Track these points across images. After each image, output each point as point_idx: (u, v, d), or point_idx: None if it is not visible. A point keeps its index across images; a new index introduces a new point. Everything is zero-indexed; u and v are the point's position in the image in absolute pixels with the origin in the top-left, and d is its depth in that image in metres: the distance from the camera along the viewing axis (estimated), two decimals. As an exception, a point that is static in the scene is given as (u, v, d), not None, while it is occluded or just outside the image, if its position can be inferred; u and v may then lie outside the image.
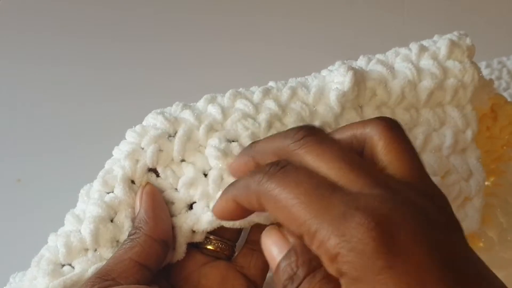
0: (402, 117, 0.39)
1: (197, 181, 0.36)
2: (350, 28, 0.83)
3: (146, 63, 0.76)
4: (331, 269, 0.24)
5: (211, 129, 0.36)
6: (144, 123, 0.38)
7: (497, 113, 0.44)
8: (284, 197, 0.25)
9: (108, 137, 0.63)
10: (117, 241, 0.36)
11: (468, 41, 0.41)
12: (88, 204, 0.36)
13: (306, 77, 0.41)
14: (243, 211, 0.29)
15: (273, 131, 0.35)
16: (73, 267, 0.34)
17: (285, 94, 0.38)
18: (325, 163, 0.26)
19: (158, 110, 0.38)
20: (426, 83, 0.39)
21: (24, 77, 0.73)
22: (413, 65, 0.39)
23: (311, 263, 0.26)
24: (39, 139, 0.66)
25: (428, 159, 0.39)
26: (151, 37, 0.80)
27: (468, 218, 0.40)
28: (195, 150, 0.36)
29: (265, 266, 0.37)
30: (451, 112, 0.40)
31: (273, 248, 0.27)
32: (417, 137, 0.39)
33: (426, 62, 0.40)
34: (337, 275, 0.24)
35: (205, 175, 0.36)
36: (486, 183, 0.46)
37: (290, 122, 0.36)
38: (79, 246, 0.35)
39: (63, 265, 0.35)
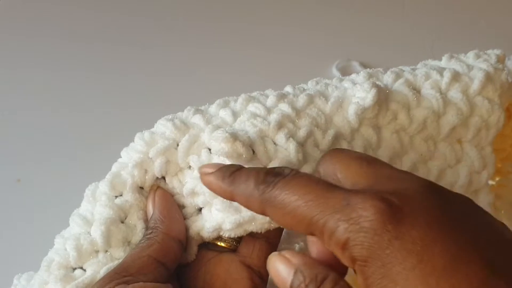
0: (419, 148, 0.38)
1: (197, 188, 0.35)
2: (350, 29, 0.83)
3: (148, 66, 0.76)
4: (345, 259, 0.25)
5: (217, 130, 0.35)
6: (154, 129, 0.37)
7: (511, 113, 0.43)
8: (289, 201, 0.26)
9: (107, 138, 0.64)
10: (129, 242, 0.35)
11: (503, 76, 0.39)
12: (96, 206, 0.36)
13: (326, 82, 0.39)
14: None
15: (284, 132, 0.34)
16: (84, 270, 0.34)
17: (301, 100, 0.36)
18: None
19: (169, 116, 0.38)
20: (450, 118, 0.37)
21: (24, 78, 0.73)
22: (441, 95, 0.38)
23: (317, 277, 0.26)
24: (39, 140, 0.66)
25: None
26: (159, 42, 0.80)
27: None
28: (198, 154, 0.36)
29: (268, 254, 0.35)
30: (469, 151, 0.39)
31: (280, 273, 0.28)
32: (431, 171, 0.38)
33: (455, 95, 0.38)
34: (351, 264, 0.25)
35: None
36: (491, 182, 0.45)
37: (304, 124, 0.35)
38: (89, 248, 0.34)
39: (74, 269, 0.34)
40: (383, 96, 0.36)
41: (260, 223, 0.33)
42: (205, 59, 0.77)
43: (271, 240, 0.36)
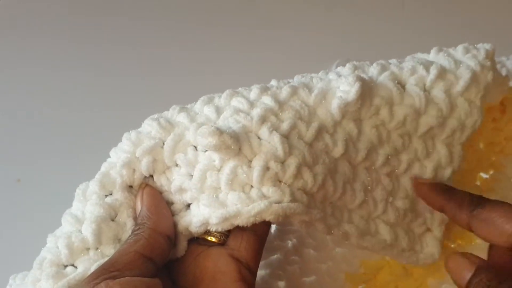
0: (395, 142, 0.39)
1: (185, 185, 0.35)
2: (350, 29, 0.83)
3: (148, 67, 0.76)
4: None
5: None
6: (141, 128, 0.38)
7: (506, 107, 0.44)
8: (495, 219, 0.34)
9: (108, 138, 0.64)
10: (119, 239, 0.36)
11: (489, 76, 0.39)
12: (87, 205, 0.36)
13: (312, 75, 0.39)
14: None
15: (268, 126, 0.34)
16: (75, 267, 0.35)
17: (284, 92, 0.36)
18: None
19: (155, 116, 0.38)
20: (430, 120, 0.38)
21: (24, 79, 0.74)
22: (424, 93, 0.38)
23: (498, 276, 0.32)
24: (39, 140, 0.66)
25: (404, 183, 0.40)
26: (151, 41, 0.80)
27: (429, 247, 0.41)
28: (184, 152, 0.36)
29: (256, 247, 0.37)
30: (440, 149, 0.40)
31: (461, 269, 0.34)
32: (401, 163, 0.39)
33: (438, 94, 0.38)
34: None
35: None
36: (485, 176, 0.46)
37: (288, 117, 0.35)
38: (81, 246, 0.35)
39: (65, 266, 0.35)
40: (367, 90, 0.36)
41: (245, 217, 0.33)
42: (205, 60, 0.77)
43: (259, 233, 0.37)
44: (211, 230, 0.35)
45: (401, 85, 0.38)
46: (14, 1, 0.84)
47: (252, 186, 0.34)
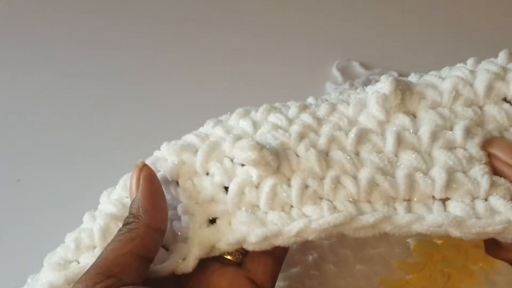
0: (463, 114, 0.34)
1: (217, 196, 0.34)
2: (350, 29, 0.83)
3: (148, 69, 0.76)
4: None
5: (239, 140, 0.33)
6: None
7: None
8: None
9: (108, 139, 0.64)
10: None
11: None
12: (106, 204, 0.37)
13: (350, 92, 0.38)
14: None
15: (305, 142, 0.33)
16: (79, 263, 0.35)
17: (322, 109, 0.36)
18: None
19: (194, 132, 0.38)
20: (482, 77, 0.34)
21: (24, 78, 0.73)
22: (466, 68, 0.35)
23: None
24: (39, 140, 0.66)
25: None
26: (152, 42, 0.79)
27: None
28: (220, 161, 0.35)
29: (273, 270, 0.36)
30: None
31: None
32: (490, 131, 0.34)
33: (482, 66, 0.35)
34: None
35: (227, 189, 0.34)
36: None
37: (326, 131, 0.34)
38: (88, 242, 0.35)
39: (71, 262, 0.35)
40: (405, 86, 0.35)
41: (286, 236, 0.32)
42: (206, 61, 0.76)
43: (277, 255, 0.36)
44: (246, 248, 0.33)
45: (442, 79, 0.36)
46: (14, 1, 0.84)
47: (292, 206, 0.32)
